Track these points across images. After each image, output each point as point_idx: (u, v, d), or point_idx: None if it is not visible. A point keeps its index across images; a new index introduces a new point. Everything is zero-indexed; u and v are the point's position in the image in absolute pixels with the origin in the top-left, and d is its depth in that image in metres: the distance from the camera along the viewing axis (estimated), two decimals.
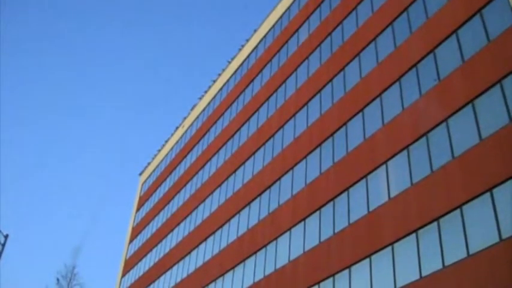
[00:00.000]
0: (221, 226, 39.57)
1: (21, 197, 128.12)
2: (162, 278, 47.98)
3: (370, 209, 24.49)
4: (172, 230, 49.95)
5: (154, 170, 64.58)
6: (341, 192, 27.08)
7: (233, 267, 35.37)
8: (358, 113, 28.24)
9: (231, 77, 49.92)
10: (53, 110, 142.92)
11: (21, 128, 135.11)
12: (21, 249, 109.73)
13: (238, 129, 43.23)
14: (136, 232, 62.22)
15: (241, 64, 48.33)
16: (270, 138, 37.22)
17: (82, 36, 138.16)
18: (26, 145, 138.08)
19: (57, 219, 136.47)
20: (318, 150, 30.71)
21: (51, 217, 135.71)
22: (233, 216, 38.21)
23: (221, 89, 51.28)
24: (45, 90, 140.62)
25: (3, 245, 30.23)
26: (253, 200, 36.18)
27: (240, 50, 49.60)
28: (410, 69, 25.44)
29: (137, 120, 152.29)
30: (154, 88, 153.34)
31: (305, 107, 33.96)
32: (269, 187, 34.64)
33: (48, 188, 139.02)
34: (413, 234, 21.39)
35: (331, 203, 27.63)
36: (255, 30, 47.51)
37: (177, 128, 60.60)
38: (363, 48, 29.94)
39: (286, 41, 40.67)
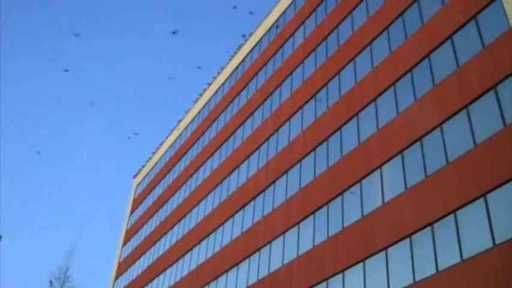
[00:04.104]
0: (215, 229, 39.50)
1: (15, 199, 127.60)
2: (155, 281, 47.84)
3: (364, 214, 24.50)
4: (166, 233, 49.83)
5: (148, 173, 64.44)
6: (335, 197, 27.09)
7: (227, 271, 35.30)
8: (352, 117, 28.27)
9: (226, 80, 49.92)
10: (48, 112, 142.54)
11: (15, 129, 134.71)
12: (14, 251, 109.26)
13: (233, 132, 43.20)
14: (130, 235, 62.03)
15: (237, 67, 48.34)
16: (264, 141, 37.21)
17: (80, 37, 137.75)
18: (19, 147, 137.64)
19: (51, 222, 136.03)
20: (312, 154, 30.73)
21: (45, 219, 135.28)
22: (227, 219, 38.16)
23: (216, 92, 51.27)
24: (40, 90, 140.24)
25: None
26: (247, 203, 36.14)
27: (235, 53, 49.61)
28: (405, 74, 25.50)
29: (132, 122, 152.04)
30: (149, 90, 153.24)
31: (300, 111, 33.98)
32: (263, 191, 34.61)
33: (42, 190, 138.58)
34: (407, 239, 21.41)
35: (325, 207, 27.63)
36: (251, 34, 47.53)
37: (172, 130, 60.54)
38: (358, 53, 30.00)
39: (282, 45, 40.70)
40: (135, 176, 69.94)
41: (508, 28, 20.50)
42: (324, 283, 25.44)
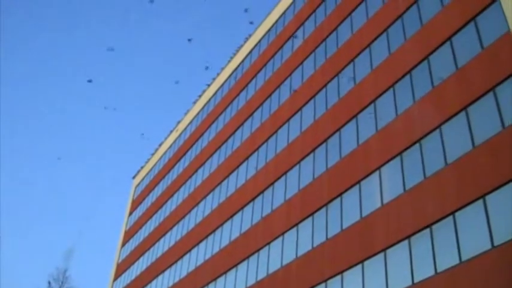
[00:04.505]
0: (214, 230, 39.50)
1: (13, 199, 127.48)
2: (154, 282, 47.81)
3: (363, 215, 24.50)
4: (164, 234, 49.82)
5: (147, 174, 64.44)
6: (334, 198, 27.10)
7: (225, 272, 35.29)
8: (351, 119, 28.29)
9: (225, 81, 49.94)
10: (44, 112, 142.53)
11: (12, 131, 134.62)
12: (13, 252, 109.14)
13: (232, 133, 43.21)
14: (128, 236, 62.02)
15: (236, 69, 48.37)
16: (263, 143, 37.22)
17: (77, 39, 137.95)
18: (17, 148, 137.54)
19: (49, 222, 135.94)
20: (311, 155, 30.73)
21: (43, 219, 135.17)
22: (226, 220, 38.15)
23: (215, 93, 51.29)
24: (38, 91, 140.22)
25: None
26: (246, 204, 36.13)
27: (234, 54, 49.64)
28: (404, 75, 25.53)
29: (131, 123, 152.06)
30: (148, 91, 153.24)
31: (299, 113, 34.00)
32: (262, 192, 34.61)
33: (41, 190, 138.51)
34: (406, 241, 21.41)
35: (324, 208, 27.63)
36: (250, 35, 47.58)
37: (171, 131, 60.55)
38: (358, 54, 30.02)
39: (281, 46, 40.73)
40: (134, 177, 69.94)
41: (507, 30, 20.52)
42: (323, 284, 25.43)
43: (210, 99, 52.15)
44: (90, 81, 55.55)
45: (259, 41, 45.44)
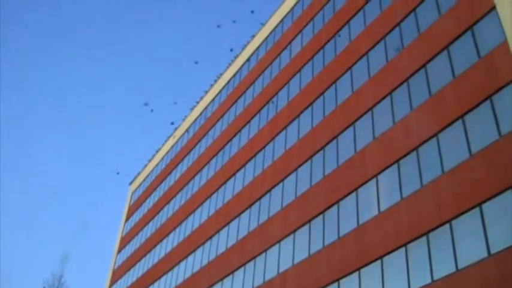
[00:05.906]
0: (210, 237, 39.44)
1: (10, 204, 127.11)
2: None
3: (360, 223, 24.50)
4: (161, 241, 49.71)
5: (144, 180, 64.36)
6: (331, 205, 27.10)
7: (222, 279, 35.21)
8: (349, 126, 28.34)
9: (223, 88, 49.99)
10: (42, 116, 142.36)
11: (9, 135, 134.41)
12: (8, 257, 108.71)
13: (230, 140, 43.22)
14: (125, 242, 61.85)
15: (234, 75, 48.44)
16: (261, 150, 37.23)
17: (76, 42, 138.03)
18: (14, 152, 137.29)
19: (45, 227, 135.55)
20: (308, 162, 30.75)
21: (39, 224, 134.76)
22: (223, 227, 38.10)
23: (213, 100, 51.33)
24: (37, 95, 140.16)
25: None
26: (243, 211, 36.11)
27: (232, 61, 49.73)
28: (401, 83, 25.60)
29: (128, 128, 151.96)
30: (144, 96, 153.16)
31: (296, 120, 34.04)
32: (259, 199, 34.59)
33: (37, 195, 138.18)
34: (403, 248, 21.41)
35: (321, 215, 27.63)
36: (249, 42, 47.69)
37: (168, 137, 60.53)
38: (355, 62, 30.11)
39: (279, 53, 40.83)
40: (131, 183, 69.83)
41: (504, 39, 20.62)
42: None
43: (207, 106, 52.18)
44: (146, 104, 56.01)
45: (258, 48, 45.54)
